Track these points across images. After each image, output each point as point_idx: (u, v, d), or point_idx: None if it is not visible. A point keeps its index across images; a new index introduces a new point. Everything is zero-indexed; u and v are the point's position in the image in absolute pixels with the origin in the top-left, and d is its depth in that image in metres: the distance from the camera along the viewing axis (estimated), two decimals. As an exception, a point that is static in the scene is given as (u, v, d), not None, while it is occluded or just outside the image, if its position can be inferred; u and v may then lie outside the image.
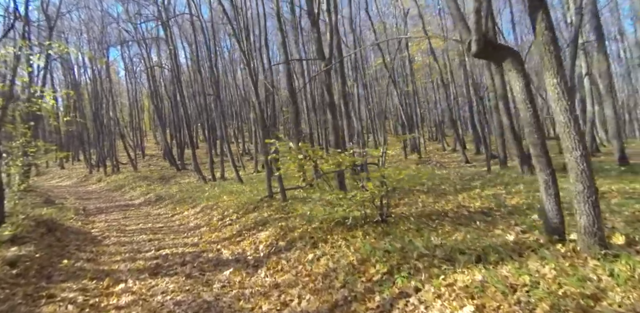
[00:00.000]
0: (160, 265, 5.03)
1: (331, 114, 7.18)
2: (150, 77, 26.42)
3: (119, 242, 6.83)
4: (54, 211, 9.85)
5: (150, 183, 16.43)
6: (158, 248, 6.00)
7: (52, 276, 4.57)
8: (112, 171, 22.82)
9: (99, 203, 13.38)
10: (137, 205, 11.94)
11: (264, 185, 10.81)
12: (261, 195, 8.89)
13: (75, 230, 7.89)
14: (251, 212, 7.13)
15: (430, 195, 6.52)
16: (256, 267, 4.50)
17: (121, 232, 7.78)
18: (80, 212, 10.70)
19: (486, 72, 10.09)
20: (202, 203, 9.47)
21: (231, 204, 8.33)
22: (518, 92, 2.94)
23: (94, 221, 9.61)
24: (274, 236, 5.24)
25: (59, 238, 6.75)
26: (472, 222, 4.39)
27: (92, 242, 7.03)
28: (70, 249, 6.15)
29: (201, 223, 7.80)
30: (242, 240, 5.71)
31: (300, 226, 5.09)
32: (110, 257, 5.75)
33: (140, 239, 6.97)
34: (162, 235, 7.19)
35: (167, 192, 12.93)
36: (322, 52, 7.78)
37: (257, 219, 6.45)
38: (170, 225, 8.11)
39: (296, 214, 4.77)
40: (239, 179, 12.07)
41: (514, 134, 7.66)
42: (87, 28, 27.69)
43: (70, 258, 5.54)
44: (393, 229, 4.32)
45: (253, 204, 7.57)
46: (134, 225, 8.54)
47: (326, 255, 4.02)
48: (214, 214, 8.07)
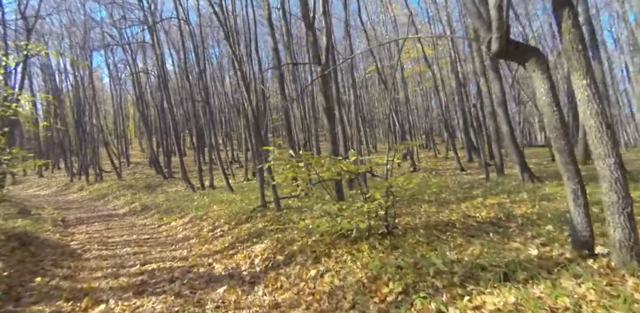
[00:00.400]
0: (146, 282, 4.61)
1: (328, 120, 6.91)
2: (135, 84, 25.79)
3: (101, 256, 6.34)
4: (28, 223, 9.23)
5: (136, 192, 15.80)
6: (144, 263, 5.56)
7: (21, 298, 4.10)
8: (95, 180, 21.99)
9: (79, 213, 12.71)
10: (121, 215, 11.37)
11: (256, 194, 10.43)
12: (253, 204, 8.51)
13: (52, 244, 7.34)
14: (244, 222, 6.75)
15: (433, 205, 6.28)
16: (253, 283, 4.13)
17: (103, 245, 7.27)
18: (59, 223, 10.08)
19: (481, 78, 10.04)
20: (191, 213, 9.02)
21: (222, 214, 7.92)
22: (543, 95, 2.72)
23: (73, 233, 9.03)
24: (270, 249, 4.88)
25: (33, 252, 6.22)
26: (483, 234, 4.14)
27: (70, 256, 6.51)
28: (46, 265, 5.65)
29: (190, 234, 7.36)
30: (235, 254, 5.32)
31: (300, 238, 4.75)
32: (90, 273, 5.28)
33: (124, 252, 6.49)
34: (148, 247, 6.73)
35: (154, 201, 12.38)
36: (318, 56, 7.56)
37: (251, 230, 6.07)
38: (156, 237, 7.64)
39: (297, 226, 4.43)
40: (229, 188, 11.63)
41: (513, 141, 7.53)
42: (69, 32, 26.91)
43: (44, 275, 5.06)
44: (401, 242, 4.03)
45: (246, 214, 7.19)
46: (117, 237, 8.03)
47: (330, 271, 3.69)
48: (204, 225, 7.65)
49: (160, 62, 15.19)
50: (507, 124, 7.50)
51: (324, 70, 7.33)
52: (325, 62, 7.49)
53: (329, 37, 7.51)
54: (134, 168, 26.83)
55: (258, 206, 7.50)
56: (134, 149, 36.66)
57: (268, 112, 17.17)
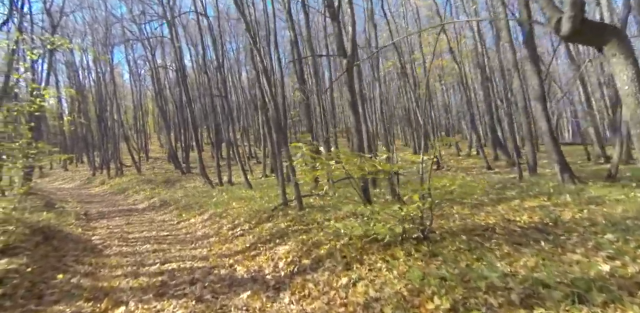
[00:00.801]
0: (167, 283, 4.42)
1: (353, 115, 6.58)
2: (154, 80, 26.02)
3: (121, 253, 6.24)
4: (53, 216, 9.29)
5: (155, 187, 15.87)
6: (163, 262, 5.40)
7: (43, 296, 3.97)
8: (116, 174, 22.32)
9: (101, 207, 12.83)
10: (141, 210, 11.37)
11: (275, 191, 10.21)
12: (274, 202, 8.28)
13: (74, 238, 7.31)
14: (265, 221, 6.51)
15: (465, 206, 5.88)
16: (278, 289, 3.87)
17: (123, 241, 7.19)
18: (82, 217, 10.14)
19: (514, 72, 9.46)
20: (210, 209, 8.87)
21: (242, 212, 7.73)
22: (625, 84, 2.32)
23: (95, 227, 9.03)
24: (295, 252, 4.61)
25: (56, 247, 6.16)
26: (531, 242, 3.75)
27: (92, 251, 6.44)
28: (68, 261, 5.56)
29: (210, 232, 7.20)
30: (257, 255, 5.09)
31: (327, 241, 4.46)
32: (110, 270, 5.15)
33: (143, 249, 6.37)
34: (167, 245, 6.59)
35: (172, 196, 12.35)
36: (343, 48, 7.21)
37: (273, 230, 5.83)
38: (176, 234, 7.51)
39: (325, 228, 4.14)
40: (247, 184, 11.46)
41: (552, 138, 7.00)
42: (92, 29, 27.36)
43: (66, 271, 4.95)
44: (439, 249, 3.69)
45: (267, 213, 6.96)
46: (137, 232, 7.96)
47: (363, 279, 3.39)
48: (223, 223, 7.47)
49: (179, 57, 15.12)
50: (546, 120, 6.96)
51: (350, 62, 6.99)
52: (351, 54, 7.14)
53: (355, 28, 7.14)
54: (153, 163, 27.14)
55: (279, 204, 7.26)
56: (153, 143, 37.17)
57: (286, 107, 16.95)
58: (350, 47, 7.19)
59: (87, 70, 30.72)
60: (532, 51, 7.20)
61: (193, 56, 24.10)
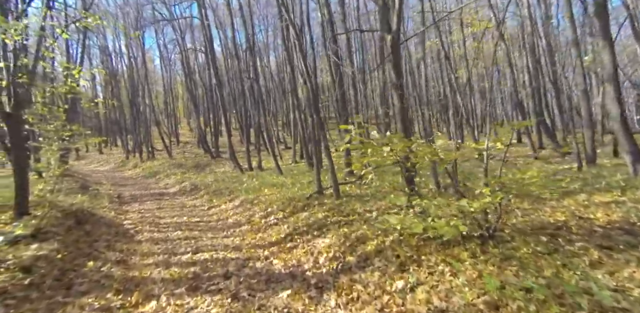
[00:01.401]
0: (199, 275, 4.13)
1: (398, 97, 5.96)
2: (184, 63, 26.07)
3: (152, 239, 6.07)
4: (87, 199, 9.37)
5: (185, 171, 15.95)
6: (195, 251, 5.15)
7: (72, 285, 3.77)
8: (148, 157, 22.75)
9: (133, 190, 12.97)
10: (172, 195, 11.35)
11: (307, 178, 9.84)
12: (306, 189, 7.90)
13: (107, 222, 7.26)
14: (301, 210, 6.13)
15: (524, 200, 5.23)
16: (320, 289, 3.48)
17: (155, 226, 7.06)
18: (114, 200, 10.21)
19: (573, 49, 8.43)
20: (240, 196, 8.63)
21: (274, 199, 7.39)
22: None
23: (127, 211, 9.03)
24: (337, 246, 4.19)
25: (88, 231, 6.07)
26: (623, 246, 3.13)
27: (123, 236, 6.32)
28: (99, 246, 5.43)
29: (241, 220, 6.92)
30: (294, 248, 4.72)
31: (373, 236, 4.01)
32: (142, 258, 4.95)
33: (175, 236, 6.18)
34: (198, 232, 6.37)
35: (202, 181, 12.26)
36: (388, 23, 6.52)
37: (310, 221, 5.44)
38: (207, 220, 7.31)
39: (380, 224, 3.67)
40: (278, 170, 11.15)
41: (624, 125, 6.10)
42: (123, 13, 27.54)
43: (97, 258, 4.79)
44: (510, 250, 3.15)
45: (301, 201, 6.57)
46: (168, 217, 7.83)
47: (423, 284, 2.92)
48: (255, 210, 7.17)
49: (208, 37, 14.77)
50: (617, 103, 6.04)
51: (395, 39, 6.32)
52: (396, 30, 6.46)
53: (402, 0, 6.42)
54: (183, 147, 27.51)
55: (314, 192, 6.86)
56: (182, 128, 37.74)
57: (319, 91, 16.39)
58: (395, 22, 6.49)
59: (119, 55, 31.25)
60: (604, 22, 6.20)
61: (222, 40, 23.73)
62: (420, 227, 2.97)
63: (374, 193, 6.75)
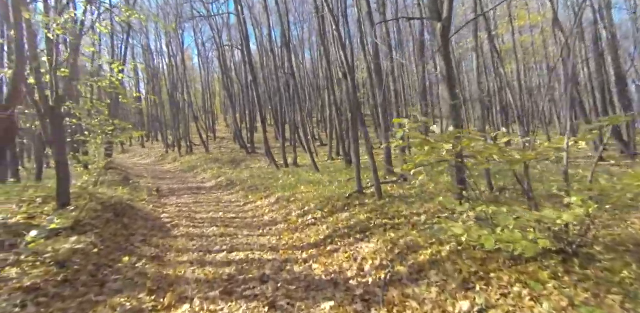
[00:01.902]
0: (234, 277, 3.87)
1: (448, 90, 5.41)
2: (221, 61, 26.48)
3: (188, 234, 5.95)
4: (128, 191, 9.55)
5: (221, 166, 16.07)
6: (230, 249, 4.93)
7: (106, 283, 3.63)
8: (186, 152, 23.31)
9: (172, 184, 13.19)
10: (209, 189, 11.37)
11: (344, 176, 9.46)
12: (345, 188, 7.52)
13: (144, 215, 7.27)
14: (341, 211, 5.75)
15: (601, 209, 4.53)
16: (367, 302, 3.08)
17: (191, 221, 6.97)
18: (153, 193, 10.35)
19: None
20: (276, 193, 8.39)
21: (311, 197, 7.07)
22: None
23: (165, 204, 9.09)
24: (384, 253, 3.78)
25: (126, 225, 6.04)
26: None
27: (160, 231, 6.26)
28: (135, 241, 5.35)
29: (278, 217, 6.66)
30: (335, 251, 4.35)
31: (426, 245, 3.56)
32: (177, 255, 4.80)
33: (210, 232, 6.03)
34: (234, 229, 6.18)
35: (238, 176, 12.21)
36: (437, 10, 5.96)
37: (351, 222, 5.05)
38: (243, 217, 7.12)
39: (441, 234, 3.22)
40: (314, 167, 10.84)
41: None
42: (164, 13, 28.40)
43: (132, 253, 4.68)
44: (605, 272, 2.58)
45: (341, 200, 6.20)
46: (204, 212, 7.74)
47: (495, 308, 2.44)
48: (292, 208, 6.89)
49: (245, 35, 14.71)
50: None
51: (446, 27, 5.77)
52: (447, 17, 5.89)
53: (456, -17, 5.83)
54: (220, 142, 27.99)
55: (354, 191, 6.46)
56: (219, 124, 38.57)
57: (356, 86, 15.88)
58: (446, 9, 5.92)
59: (160, 54, 32.33)
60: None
61: (258, 38, 23.84)
62: (492, 241, 2.48)
63: (419, 194, 6.25)
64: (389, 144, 3.26)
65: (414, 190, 6.77)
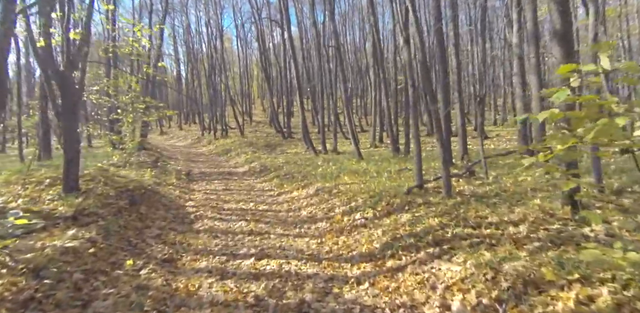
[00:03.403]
0: (263, 301, 2.81)
1: (564, 53, 3.91)
2: (260, 41, 25.49)
3: (212, 229, 5.00)
4: (156, 174, 8.85)
5: (256, 150, 15.24)
6: (260, 255, 3.89)
7: (91, 302, 2.67)
8: (221, 135, 22.85)
9: (204, 167, 12.52)
10: (241, 175, 10.51)
11: (393, 166, 8.16)
12: (398, 180, 6.26)
13: (167, 203, 6.44)
14: (399, 210, 4.51)
15: None
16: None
17: (218, 212, 6.05)
18: (182, 177, 9.62)
19: None
20: (315, 182, 7.29)
21: (358, 190, 5.88)
22: None
23: (193, 190, 8.29)
24: (482, 284, 2.52)
25: (142, 214, 5.18)
26: None
27: (181, 223, 5.36)
28: (149, 236, 4.46)
29: (318, 213, 5.55)
30: (400, 270, 3.15)
31: (561, 280, 2.26)
32: (194, 258, 3.83)
33: (237, 228, 5.04)
34: (265, 225, 5.15)
35: (273, 162, 11.25)
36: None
37: (418, 229, 3.81)
38: (276, 210, 6.09)
39: (599, 267, 1.95)
40: (358, 154, 9.60)
41: None
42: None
43: (140, 255, 3.76)
44: None
45: (397, 197, 4.94)
46: (233, 202, 6.81)
47: None
48: (335, 202, 5.74)
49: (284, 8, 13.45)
50: None
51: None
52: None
53: None
54: (256, 126, 27.36)
55: (413, 186, 5.18)
56: (256, 108, 38.01)
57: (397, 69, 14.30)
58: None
59: (200, 35, 31.84)
60: None
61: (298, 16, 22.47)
62: None
63: (499, 194, 4.86)
64: (522, 120, 1.93)
65: (488, 187, 5.38)
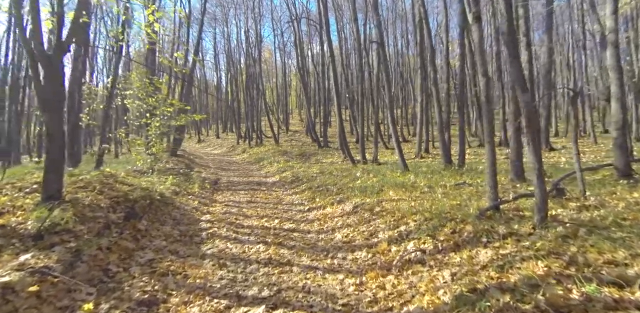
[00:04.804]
0: None
1: None
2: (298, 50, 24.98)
3: (222, 254, 3.93)
4: (178, 182, 8.04)
5: (289, 159, 14.29)
6: (274, 302, 2.74)
7: None
8: (256, 143, 22.31)
9: (234, 176, 11.70)
10: (270, 185, 9.50)
11: (447, 179, 6.74)
12: (458, 198, 4.88)
13: (179, 216, 5.50)
14: (472, 242, 3.17)
15: None
16: None
17: (234, 230, 4.99)
18: (206, 187, 8.76)
19: None
20: (353, 197, 6.06)
21: (408, 209, 4.57)
22: None
23: (214, 201, 7.36)
24: None
25: (141, 230, 4.21)
26: None
27: (187, 243, 4.35)
28: (138, 261, 3.45)
29: (356, 238, 4.32)
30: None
31: None
32: (184, 301, 2.75)
33: (253, 254, 3.93)
34: (289, 251, 4.00)
35: (306, 172, 10.17)
36: None
37: (514, 279, 2.46)
38: (304, 230, 4.93)
39: None
40: (403, 165, 8.23)
41: None
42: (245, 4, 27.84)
43: (112, 292, 2.74)
44: None
45: (466, 222, 3.60)
46: (255, 217, 5.74)
47: None
48: (378, 224, 4.48)
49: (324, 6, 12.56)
50: None
51: None
52: None
53: None
54: (292, 135, 26.68)
55: (487, 208, 3.81)
56: (293, 117, 37.59)
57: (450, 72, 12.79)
58: None
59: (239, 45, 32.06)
60: None
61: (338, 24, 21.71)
62: None
63: (617, 222, 3.36)
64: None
65: (593, 211, 3.87)
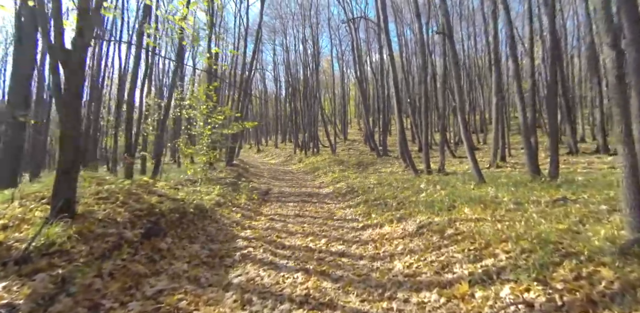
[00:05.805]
0: None
1: None
2: (355, 58, 24.28)
3: (250, 285, 3.15)
4: (222, 192, 7.60)
5: (345, 169, 13.38)
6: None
7: None
8: (313, 152, 21.84)
9: (286, 186, 11.11)
10: (322, 197, 8.67)
11: (538, 193, 5.31)
12: (565, 220, 3.54)
13: (214, 231, 4.87)
14: (615, 297, 1.97)
15: None
16: None
17: (273, 251, 4.19)
18: (254, 197, 8.19)
19: None
20: (417, 214, 4.96)
21: (493, 234, 3.37)
22: None
23: (260, 213, 6.72)
24: None
25: (161, 250, 3.60)
26: None
27: (213, 267, 3.63)
28: (144, 293, 2.78)
29: (422, 270, 3.24)
30: None
31: None
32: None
33: (288, 287, 3.08)
34: (333, 285, 3.07)
35: (362, 182, 9.19)
36: None
37: None
38: (356, 255, 3.96)
39: None
40: (478, 176, 6.84)
41: None
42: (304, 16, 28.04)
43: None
44: None
45: (593, 259, 2.37)
46: (300, 235, 4.91)
47: None
48: (452, 254, 3.36)
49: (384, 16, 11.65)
50: None
51: None
52: None
53: None
54: (350, 144, 25.87)
55: (633, 241, 2.52)
56: (352, 127, 36.83)
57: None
58: None
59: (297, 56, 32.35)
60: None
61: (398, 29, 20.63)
62: None
63: None
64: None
65: None
